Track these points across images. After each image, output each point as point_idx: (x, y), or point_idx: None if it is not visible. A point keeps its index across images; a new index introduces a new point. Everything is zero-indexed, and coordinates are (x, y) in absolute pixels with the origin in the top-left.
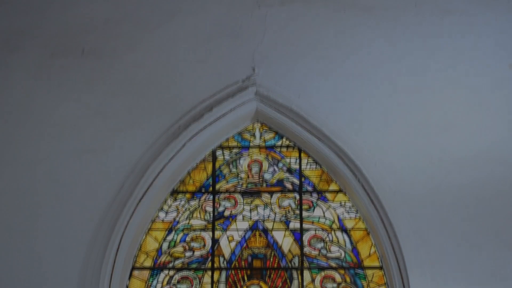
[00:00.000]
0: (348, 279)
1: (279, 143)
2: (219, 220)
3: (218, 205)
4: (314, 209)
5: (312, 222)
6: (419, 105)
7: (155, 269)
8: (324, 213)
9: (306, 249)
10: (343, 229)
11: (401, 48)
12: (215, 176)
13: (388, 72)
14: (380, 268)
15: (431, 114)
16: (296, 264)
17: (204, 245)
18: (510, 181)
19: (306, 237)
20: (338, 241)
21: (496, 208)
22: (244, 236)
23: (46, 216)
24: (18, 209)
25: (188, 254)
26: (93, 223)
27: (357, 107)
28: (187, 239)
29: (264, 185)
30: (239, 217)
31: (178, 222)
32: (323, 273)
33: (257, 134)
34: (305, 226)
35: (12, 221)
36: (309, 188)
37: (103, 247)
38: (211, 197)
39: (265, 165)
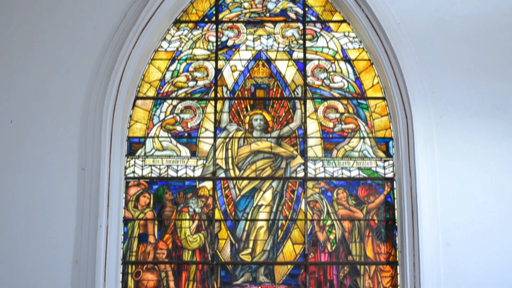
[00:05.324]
0: (351, 109)
1: None
2: (222, 50)
3: (221, 35)
4: (317, 39)
5: (316, 52)
6: None
7: (158, 99)
8: (327, 43)
9: (309, 79)
10: (347, 59)
11: None
12: (218, 5)
13: None
14: (383, 98)
15: None
16: (299, 94)
17: (207, 75)
18: None
19: (309, 67)
20: (341, 71)
21: (500, 40)
22: (247, 66)
23: (47, 47)
24: (20, 42)
25: (191, 83)
26: (95, 54)
27: None
28: (190, 68)
29: (268, 14)
30: (242, 47)
31: (181, 52)
32: (326, 103)
33: None
34: (308, 56)
35: (15, 57)
36: (313, 18)
37: (106, 77)
38: (214, 26)
39: None
